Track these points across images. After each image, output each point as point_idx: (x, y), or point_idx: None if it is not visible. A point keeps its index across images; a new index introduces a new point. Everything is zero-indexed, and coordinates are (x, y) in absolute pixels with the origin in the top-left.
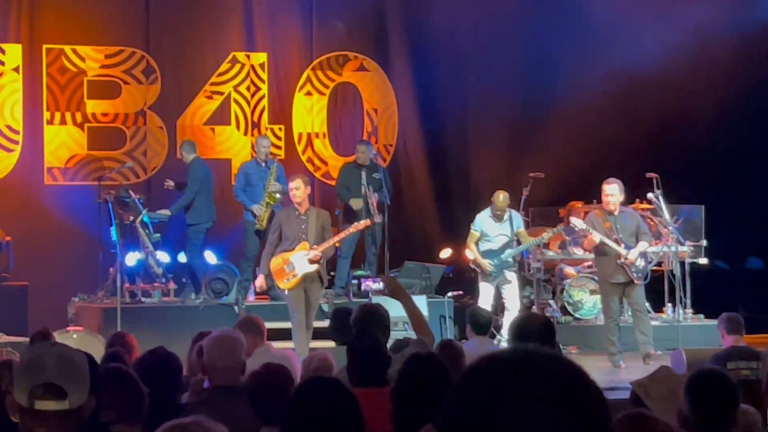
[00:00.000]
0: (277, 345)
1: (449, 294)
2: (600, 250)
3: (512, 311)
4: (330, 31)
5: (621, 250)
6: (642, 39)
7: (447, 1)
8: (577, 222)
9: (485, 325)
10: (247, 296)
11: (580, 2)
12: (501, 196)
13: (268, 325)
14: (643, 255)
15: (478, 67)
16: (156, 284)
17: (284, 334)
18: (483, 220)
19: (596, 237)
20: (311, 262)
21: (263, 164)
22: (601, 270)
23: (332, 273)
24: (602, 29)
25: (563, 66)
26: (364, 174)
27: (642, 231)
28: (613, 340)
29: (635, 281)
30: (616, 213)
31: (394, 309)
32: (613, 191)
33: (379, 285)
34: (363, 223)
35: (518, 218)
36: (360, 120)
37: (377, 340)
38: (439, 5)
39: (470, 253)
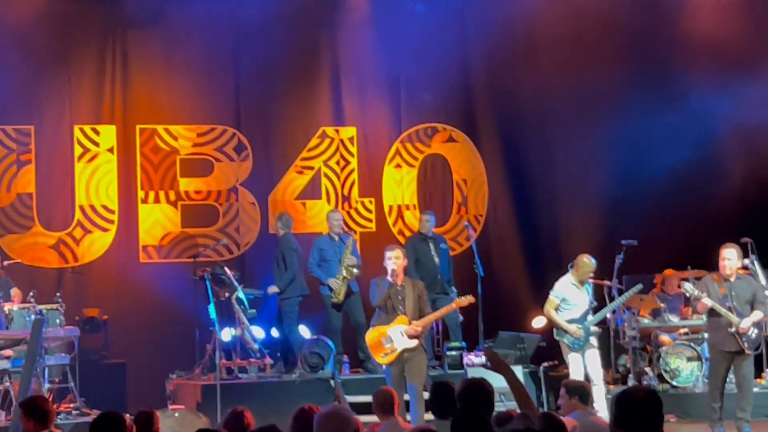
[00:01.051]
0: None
1: (544, 364)
2: (713, 316)
3: (597, 383)
4: (418, 103)
5: (733, 318)
6: (730, 103)
7: (534, 72)
8: (688, 287)
9: (586, 396)
10: (343, 370)
11: (666, 74)
12: (586, 259)
13: (364, 398)
14: (757, 325)
15: (567, 136)
16: (252, 360)
17: None
18: (564, 287)
19: (708, 302)
20: (411, 337)
21: (336, 238)
22: (712, 336)
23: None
24: (692, 98)
25: (653, 135)
26: (432, 244)
27: (758, 300)
28: (716, 407)
29: (746, 351)
30: (732, 279)
31: (494, 380)
32: (730, 255)
33: (481, 358)
34: (466, 299)
35: (589, 286)
36: (450, 191)
37: (482, 415)
38: (526, 75)
39: (544, 319)
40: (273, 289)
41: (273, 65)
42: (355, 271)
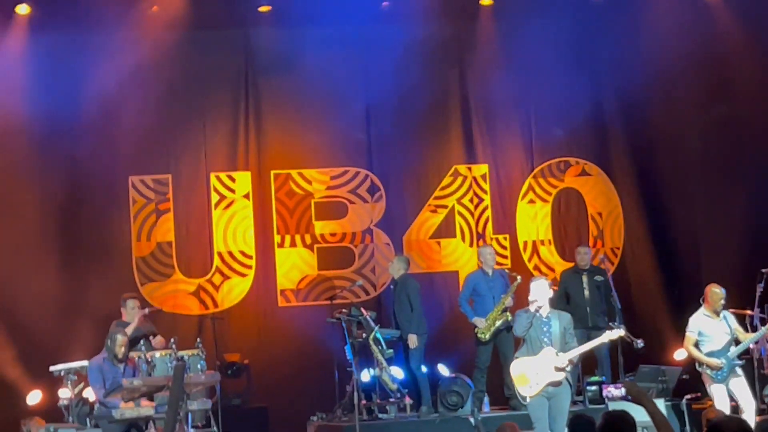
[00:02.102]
0: None
1: (687, 396)
2: None
3: (748, 411)
4: (549, 138)
5: None
6: None
7: (666, 103)
8: None
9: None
10: (482, 407)
11: None
12: (715, 289)
13: None
14: None
15: (703, 164)
16: (392, 400)
17: None
18: (699, 321)
19: None
20: (558, 369)
21: (490, 273)
22: None
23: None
24: None
25: None
26: (585, 278)
27: None
28: None
29: None
30: None
31: (635, 414)
32: None
33: (621, 391)
34: (616, 333)
35: (730, 316)
36: (585, 224)
37: None
38: (657, 106)
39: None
40: (414, 340)
41: (403, 105)
42: (508, 315)
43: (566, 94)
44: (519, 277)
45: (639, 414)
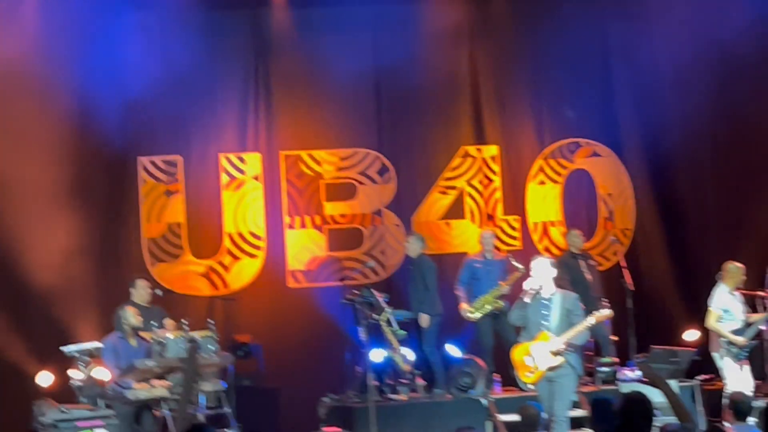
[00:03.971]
0: None
1: (699, 378)
2: None
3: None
4: (560, 119)
5: None
6: None
7: (679, 85)
8: None
9: (747, 412)
10: (494, 389)
11: None
12: (735, 266)
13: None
14: None
15: (715, 145)
16: (403, 381)
17: None
18: (724, 298)
19: None
20: (554, 354)
21: (489, 257)
22: None
23: None
24: None
25: None
26: (582, 262)
27: None
28: None
29: None
30: None
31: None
32: None
33: (636, 372)
34: (606, 313)
35: (739, 295)
36: (595, 206)
37: (643, 429)
38: (670, 87)
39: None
40: (425, 320)
41: (413, 86)
42: (501, 303)
43: (577, 75)
44: (521, 267)
45: (654, 395)
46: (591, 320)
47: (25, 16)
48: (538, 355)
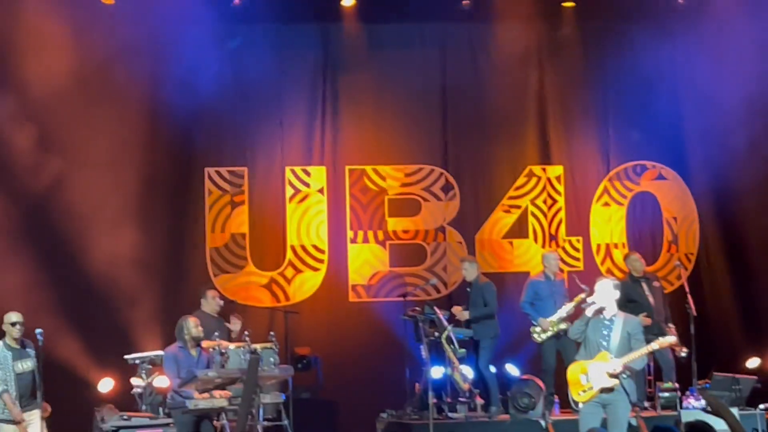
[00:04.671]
0: None
1: (761, 406)
2: None
3: None
4: (626, 141)
5: None
6: None
7: (746, 108)
8: None
9: None
10: (553, 410)
11: None
12: None
13: None
14: None
15: None
16: (462, 399)
17: None
18: None
19: None
20: (611, 375)
21: (553, 278)
22: None
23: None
24: None
25: None
26: (645, 285)
27: None
28: None
29: None
30: None
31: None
32: None
33: (701, 402)
34: (670, 340)
35: None
36: (660, 229)
37: None
38: (737, 112)
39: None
40: (465, 314)
41: (480, 104)
42: (562, 326)
43: (645, 99)
44: (586, 288)
45: (716, 424)
46: (654, 346)
47: (105, 22)
48: (595, 375)
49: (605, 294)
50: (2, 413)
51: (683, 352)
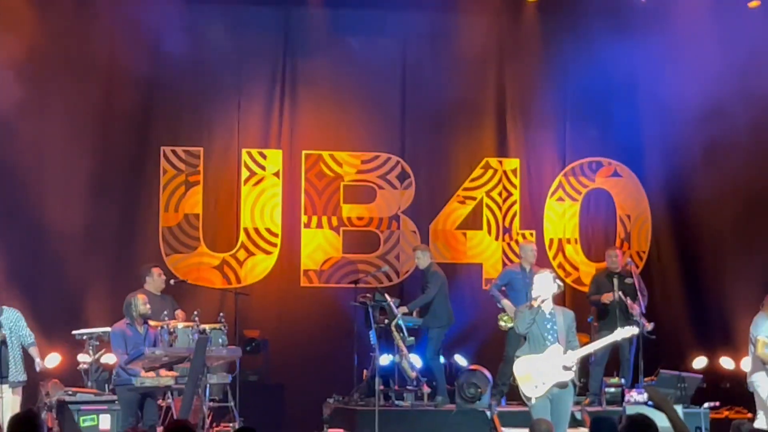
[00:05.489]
0: None
1: (706, 405)
2: None
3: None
4: (583, 137)
5: None
6: None
7: (704, 109)
8: None
9: None
10: (500, 402)
11: None
12: None
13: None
14: None
15: (737, 173)
16: (409, 387)
17: None
18: None
19: None
20: (566, 369)
21: (528, 269)
22: None
23: (583, 380)
24: None
25: None
26: (616, 281)
27: None
28: None
29: None
30: None
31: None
32: None
33: (644, 396)
34: (629, 331)
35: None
36: (613, 226)
37: None
38: (695, 111)
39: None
40: (403, 309)
41: (439, 94)
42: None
43: (602, 94)
44: (561, 285)
45: (658, 419)
46: (616, 336)
47: None
48: (549, 370)
49: (546, 286)
50: None
51: (649, 327)
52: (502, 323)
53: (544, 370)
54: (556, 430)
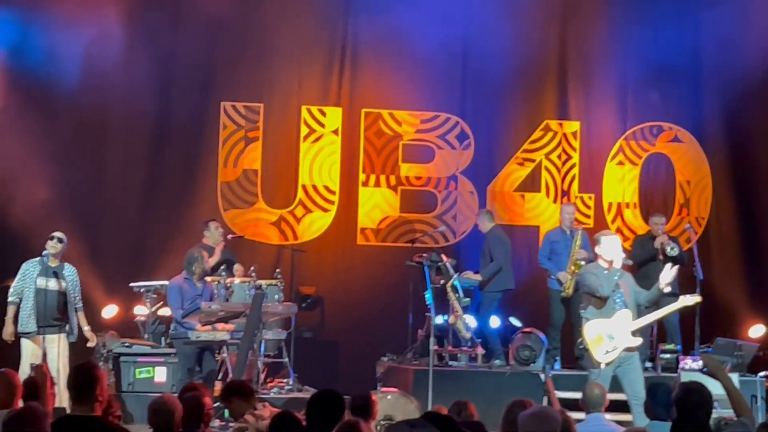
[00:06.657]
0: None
1: (762, 373)
2: None
3: None
4: (645, 101)
5: None
6: None
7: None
8: None
9: None
10: (554, 365)
11: None
12: None
13: (574, 395)
14: None
15: None
16: (464, 348)
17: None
18: None
19: None
20: (635, 334)
21: (568, 232)
22: None
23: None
24: None
25: None
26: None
27: None
28: None
29: None
30: None
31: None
32: None
33: (698, 363)
34: (692, 299)
35: None
36: (672, 191)
37: (702, 423)
38: (760, 78)
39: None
40: (476, 277)
41: (501, 55)
42: (583, 263)
43: (667, 59)
44: (582, 228)
45: (713, 387)
46: (686, 301)
47: None
48: (619, 334)
49: (617, 250)
50: (21, 326)
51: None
52: (564, 293)
53: (614, 335)
54: (634, 392)
